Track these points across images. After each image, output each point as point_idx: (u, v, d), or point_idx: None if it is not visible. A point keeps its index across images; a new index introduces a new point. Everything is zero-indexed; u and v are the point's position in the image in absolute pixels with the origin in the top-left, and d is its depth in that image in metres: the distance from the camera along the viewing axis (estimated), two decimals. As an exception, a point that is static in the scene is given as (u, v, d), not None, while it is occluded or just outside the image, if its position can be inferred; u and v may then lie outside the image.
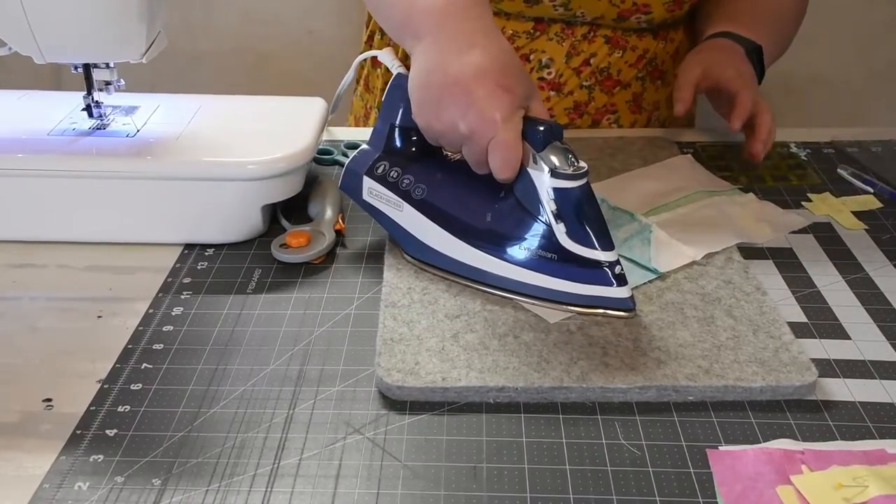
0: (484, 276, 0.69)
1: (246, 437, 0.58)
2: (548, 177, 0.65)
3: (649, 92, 1.06)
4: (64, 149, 0.78)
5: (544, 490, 0.53)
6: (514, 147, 0.65)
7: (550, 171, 0.65)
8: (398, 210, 0.73)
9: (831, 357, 0.65)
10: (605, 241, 0.65)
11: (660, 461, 0.55)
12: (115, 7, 0.75)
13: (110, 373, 0.64)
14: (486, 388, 0.60)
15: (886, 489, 0.52)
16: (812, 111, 1.89)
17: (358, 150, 0.77)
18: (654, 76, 1.06)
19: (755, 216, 0.82)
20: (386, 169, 0.74)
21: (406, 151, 0.75)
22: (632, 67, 1.03)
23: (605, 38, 1.01)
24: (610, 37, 1.01)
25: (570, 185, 0.65)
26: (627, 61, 1.03)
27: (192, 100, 0.88)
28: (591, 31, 1.00)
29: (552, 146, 0.65)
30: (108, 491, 0.54)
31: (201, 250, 0.79)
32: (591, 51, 1.01)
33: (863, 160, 0.94)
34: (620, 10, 0.98)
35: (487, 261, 0.69)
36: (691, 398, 0.60)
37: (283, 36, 1.87)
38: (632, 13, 0.98)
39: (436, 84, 0.67)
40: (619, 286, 0.65)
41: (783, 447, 0.56)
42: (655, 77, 1.06)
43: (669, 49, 1.06)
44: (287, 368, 0.64)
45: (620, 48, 1.02)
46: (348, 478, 0.55)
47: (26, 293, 0.73)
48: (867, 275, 0.75)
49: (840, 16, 1.82)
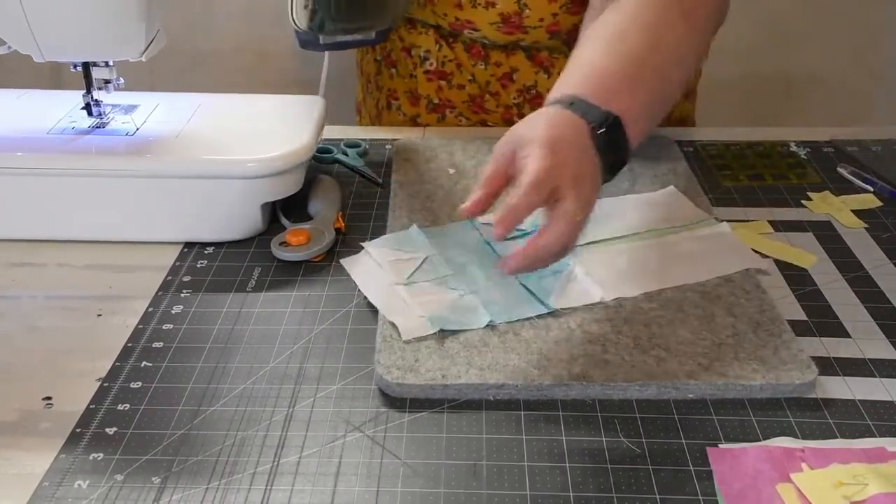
0: None
1: (246, 435, 0.58)
2: None
3: None
4: (63, 147, 0.78)
5: (544, 488, 0.53)
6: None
7: None
8: None
9: (831, 355, 0.65)
10: None
11: (660, 459, 0.55)
12: (115, 5, 0.75)
13: (110, 371, 0.64)
14: (486, 386, 0.60)
15: (886, 487, 0.52)
16: (812, 110, 1.89)
17: None
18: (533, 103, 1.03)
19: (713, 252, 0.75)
20: None
21: None
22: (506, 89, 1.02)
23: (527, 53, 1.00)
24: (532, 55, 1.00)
25: None
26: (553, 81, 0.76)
27: (192, 98, 0.88)
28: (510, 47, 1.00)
29: None
30: (107, 489, 0.54)
31: (201, 248, 0.79)
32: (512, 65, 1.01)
33: (862, 159, 0.94)
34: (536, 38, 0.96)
35: None
36: (691, 396, 0.60)
37: (283, 36, 1.87)
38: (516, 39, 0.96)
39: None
40: None
41: (783, 445, 0.56)
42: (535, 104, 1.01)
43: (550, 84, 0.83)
44: (287, 366, 0.64)
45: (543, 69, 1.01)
46: (348, 475, 0.54)
47: (26, 292, 0.73)
48: (867, 273, 0.75)
49: (840, 16, 1.82)
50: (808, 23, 1.21)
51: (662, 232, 0.78)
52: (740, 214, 0.83)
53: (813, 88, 1.89)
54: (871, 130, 1.00)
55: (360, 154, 0.95)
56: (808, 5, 1.82)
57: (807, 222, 0.82)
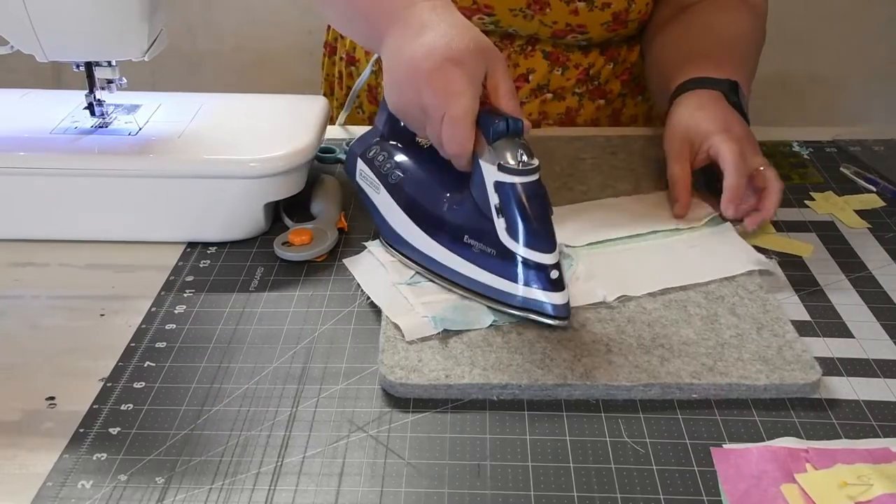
0: (438, 266, 0.69)
1: (249, 436, 0.58)
2: (494, 169, 0.64)
3: (587, 109, 1.05)
4: (66, 147, 0.78)
5: (548, 488, 0.53)
6: (463, 122, 0.64)
7: (497, 165, 0.64)
8: (376, 192, 0.75)
9: (835, 355, 0.65)
10: (544, 243, 0.64)
11: (664, 459, 0.55)
12: (117, 5, 0.75)
13: (113, 371, 0.64)
14: (490, 386, 0.60)
15: (891, 487, 0.52)
16: (812, 110, 1.89)
17: (362, 134, 0.80)
18: (595, 94, 1.04)
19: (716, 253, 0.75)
20: (377, 152, 0.76)
21: (401, 137, 0.76)
22: (570, 82, 1.02)
23: (544, 53, 1.00)
24: (549, 52, 1.00)
25: (513, 180, 0.64)
26: (568, 77, 1.02)
27: (194, 98, 0.88)
28: (528, 45, 1.00)
29: (505, 139, 0.64)
30: (111, 489, 0.54)
31: (204, 248, 0.79)
32: (529, 66, 1.01)
33: (865, 159, 0.94)
34: (554, 30, 0.97)
35: (440, 251, 0.69)
36: (695, 396, 0.60)
37: (283, 36, 1.87)
38: (567, 32, 0.97)
39: (394, 69, 0.69)
40: (554, 291, 0.64)
41: (787, 445, 0.56)
42: (596, 95, 1.04)
43: (618, 70, 1.04)
44: (290, 366, 0.64)
45: (560, 65, 1.01)
46: (352, 476, 0.54)
47: (29, 292, 0.73)
48: (870, 273, 0.75)
49: (840, 16, 1.82)
50: (809, 23, 1.21)
51: (667, 233, 0.78)
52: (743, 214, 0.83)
53: (813, 88, 1.89)
54: (874, 130, 1.00)
55: (363, 154, 0.95)
56: (809, 6, 1.82)
57: (809, 222, 0.82)
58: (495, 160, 0.64)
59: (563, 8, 0.95)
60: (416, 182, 0.73)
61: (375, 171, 0.75)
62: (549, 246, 0.64)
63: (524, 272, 0.64)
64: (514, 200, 0.64)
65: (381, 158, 0.75)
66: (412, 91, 0.67)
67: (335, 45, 1.15)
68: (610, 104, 1.07)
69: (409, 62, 0.67)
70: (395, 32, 0.71)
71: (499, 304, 0.66)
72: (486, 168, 0.65)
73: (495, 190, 0.64)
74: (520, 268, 0.64)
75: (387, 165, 0.75)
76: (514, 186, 0.64)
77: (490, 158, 0.64)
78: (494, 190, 0.64)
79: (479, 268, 0.66)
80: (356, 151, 0.78)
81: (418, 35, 0.68)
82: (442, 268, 0.69)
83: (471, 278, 0.67)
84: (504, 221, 0.64)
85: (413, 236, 0.71)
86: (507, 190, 0.64)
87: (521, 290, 0.64)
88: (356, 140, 0.79)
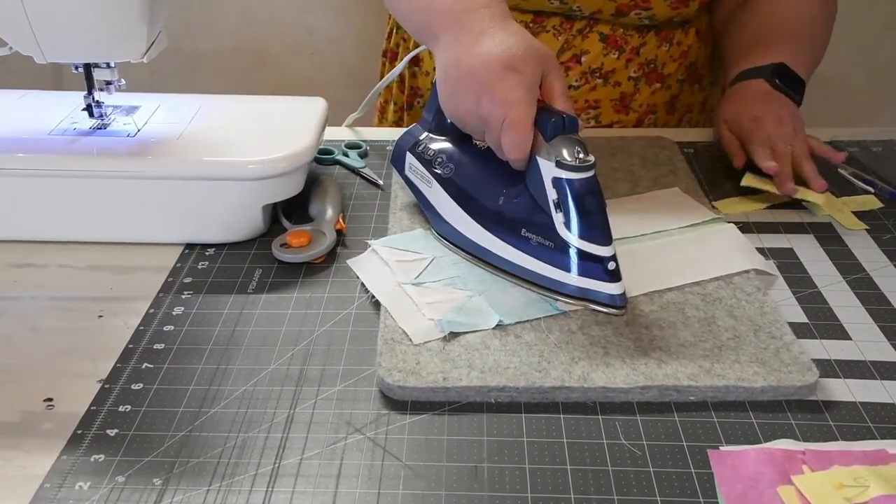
0: (493, 257, 0.71)
1: (247, 437, 0.58)
2: (552, 166, 0.66)
3: (642, 93, 1.06)
4: (65, 149, 0.78)
5: (545, 490, 0.53)
6: (522, 128, 0.66)
7: (555, 161, 0.65)
8: (428, 186, 0.77)
9: (832, 357, 0.65)
10: (601, 236, 0.65)
11: (661, 461, 0.55)
12: (116, 6, 0.75)
13: (111, 372, 0.64)
14: (488, 388, 0.60)
15: (887, 489, 0.52)
16: (812, 111, 1.89)
17: (408, 129, 0.82)
18: (652, 78, 1.06)
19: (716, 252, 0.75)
20: (426, 147, 0.79)
21: (448, 134, 0.79)
22: (626, 67, 1.03)
23: (601, 35, 1.01)
24: (607, 35, 1.01)
25: (571, 176, 0.65)
26: (624, 60, 1.03)
27: (193, 100, 0.88)
28: (587, 27, 1.01)
29: (562, 137, 0.66)
30: (108, 491, 0.54)
31: (202, 250, 0.79)
32: (584, 47, 1.02)
33: (863, 160, 0.94)
34: (618, 4, 0.98)
35: (495, 243, 0.71)
36: (692, 398, 0.60)
37: (283, 36, 1.87)
38: (631, 9, 0.98)
39: (452, 78, 0.71)
40: (611, 282, 0.65)
41: (784, 447, 0.56)
42: (653, 79, 1.06)
43: (674, 53, 1.05)
44: (288, 368, 0.64)
45: (617, 48, 1.02)
46: (349, 478, 0.55)
47: (27, 293, 0.73)
48: (868, 275, 0.75)
49: (840, 16, 1.82)
50: (809, 23, 1.22)
51: (666, 234, 0.78)
52: (741, 216, 0.83)
53: (813, 89, 1.89)
54: (873, 131, 1.00)
55: (361, 155, 0.95)
56: (809, 6, 1.82)
57: (807, 224, 0.82)
58: (553, 157, 0.65)
59: None
60: (469, 176, 0.75)
61: (426, 165, 0.77)
62: (606, 238, 0.65)
63: (582, 263, 0.66)
64: (572, 195, 0.65)
65: (431, 153, 0.78)
66: (471, 99, 0.68)
67: (396, 51, 1.16)
68: (668, 89, 1.07)
69: (468, 71, 0.69)
70: (451, 36, 0.72)
71: (555, 294, 0.68)
72: (543, 165, 0.67)
73: (553, 185, 0.66)
74: (577, 259, 0.66)
75: (438, 160, 0.77)
76: (571, 182, 0.65)
77: (547, 155, 0.66)
78: (552, 185, 0.66)
79: (536, 259, 0.68)
80: (404, 146, 0.80)
81: (476, 43, 0.69)
82: (497, 259, 0.71)
83: (528, 269, 0.69)
84: (562, 215, 0.66)
85: (468, 228, 0.73)
86: (564, 185, 0.65)
87: (579, 280, 0.66)
88: (403, 135, 0.81)
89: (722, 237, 0.77)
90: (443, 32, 0.73)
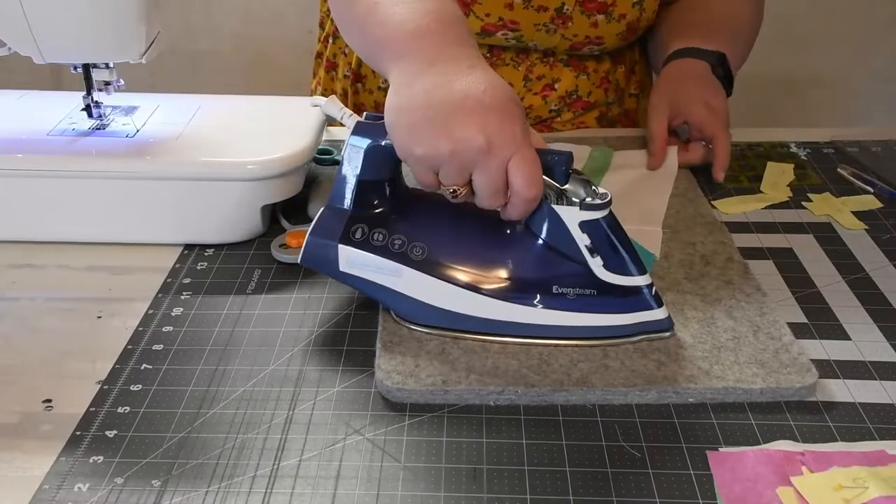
0: (511, 327, 0.64)
1: (246, 438, 0.58)
2: (577, 210, 0.62)
3: (613, 111, 1.09)
4: (63, 149, 0.78)
5: (544, 492, 0.53)
6: (538, 162, 0.60)
7: (580, 204, 0.62)
8: (395, 277, 0.65)
9: (831, 358, 0.65)
10: (639, 265, 0.64)
11: (660, 463, 0.55)
12: (115, 7, 0.75)
13: (110, 373, 0.64)
14: (487, 391, 0.60)
15: (886, 490, 0.52)
16: (812, 111, 1.89)
17: (318, 217, 0.67)
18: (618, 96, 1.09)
19: None
20: (365, 232, 0.65)
21: (382, 209, 0.67)
22: (599, 89, 1.06)
23: (563, 61, 1.03)
24: (568, 60, 1.03)
25: (599, 216, 0.62)
26: (594, 83, 1.05)
27: (192, 100, 0.88)
28: (546, 57, 1.03)
29: (573, 178, 0.62)
30: (107, 492, 0.54)
31: (201, 250, 0.79)
32: (554, 76, 1.03)
33: (863, 160, 0.94)
34: (573, 42, 1.00)
35: (515, 310, 0.64)
36: (691, 400, 0.60)
37: (283, 36, 1.87)
38: (584, 45, 1.00)
39: (440, 101, 0.60)
40: (658, 307, 0.64)
41: (783, 448, 0.56)
42: (619, 96, 1.09)
43: (624, 69, 1.08)
44: (287, 369, 0.64)
45: (583, 72, 1.04)
46: (348, 479, 0.54)
47: (26, 294, 0.73)
48: (867, 275, 0.75)
49: (840, 16, 1.82)
50: (809, 23, 1.21)
51: None
52: (741, 216, 0.83)
53: (813, 89, 1.89)
54: (872, 131, 1.00)
55: (361, 155, 0.95)
56: (809, 6, 1.82)
57: (807, 223, 0.82)
58: (573, 200, 0.62)
59: (584, 22, 0.98)
60: (456, 249, 0.66)
61: (383, 254, 0.65)
62: (642, 265, 0.64)
63: (631, 300, 0.64)
64: (606, 235, 0.63)
65: (381, 237, 0.65)
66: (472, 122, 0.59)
67: (335, 61, 1.14)
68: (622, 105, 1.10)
69: (466, 95, 0.60)
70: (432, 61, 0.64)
71: (611, 340, 0.64)
72: (564, 211, 0.62)
73: (583, 230, 0.62)
74: (626, 297, 0.64)
75: (396, 243, 0.65)
76: (601, 222, 0.62)
77: (565, 200, 0.62)
78: (582, 230, 0.62)
79: (580, 313, 0.64)
80: (330, 240, 0.65)
81: (468, 72, 0.62)
82: (527, 328, 0.64)
83: (573, 326, 0.64)
84: (600, 259, 0.63)
85: (478, 308, 0.64)
86: (596, 227, 0.62)
87: (630, 317, 0.64)
88: (316, 228, 0.66)
89: None
90: (412, 54, 0.65)
